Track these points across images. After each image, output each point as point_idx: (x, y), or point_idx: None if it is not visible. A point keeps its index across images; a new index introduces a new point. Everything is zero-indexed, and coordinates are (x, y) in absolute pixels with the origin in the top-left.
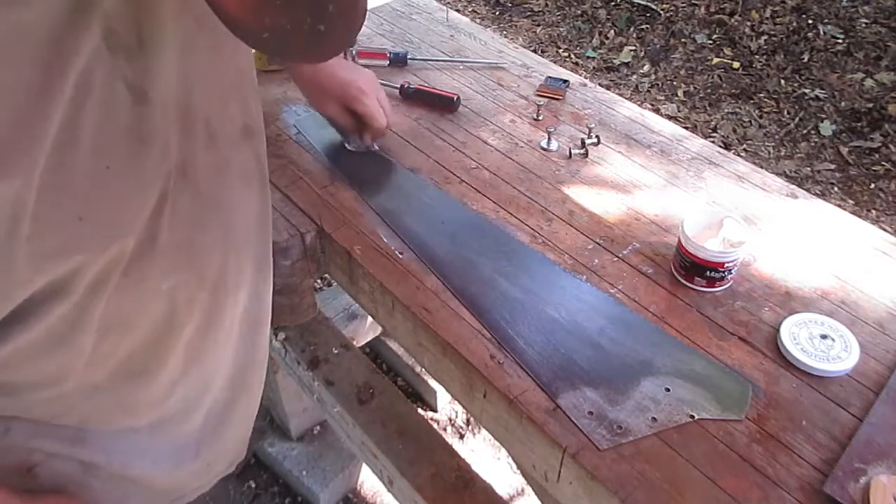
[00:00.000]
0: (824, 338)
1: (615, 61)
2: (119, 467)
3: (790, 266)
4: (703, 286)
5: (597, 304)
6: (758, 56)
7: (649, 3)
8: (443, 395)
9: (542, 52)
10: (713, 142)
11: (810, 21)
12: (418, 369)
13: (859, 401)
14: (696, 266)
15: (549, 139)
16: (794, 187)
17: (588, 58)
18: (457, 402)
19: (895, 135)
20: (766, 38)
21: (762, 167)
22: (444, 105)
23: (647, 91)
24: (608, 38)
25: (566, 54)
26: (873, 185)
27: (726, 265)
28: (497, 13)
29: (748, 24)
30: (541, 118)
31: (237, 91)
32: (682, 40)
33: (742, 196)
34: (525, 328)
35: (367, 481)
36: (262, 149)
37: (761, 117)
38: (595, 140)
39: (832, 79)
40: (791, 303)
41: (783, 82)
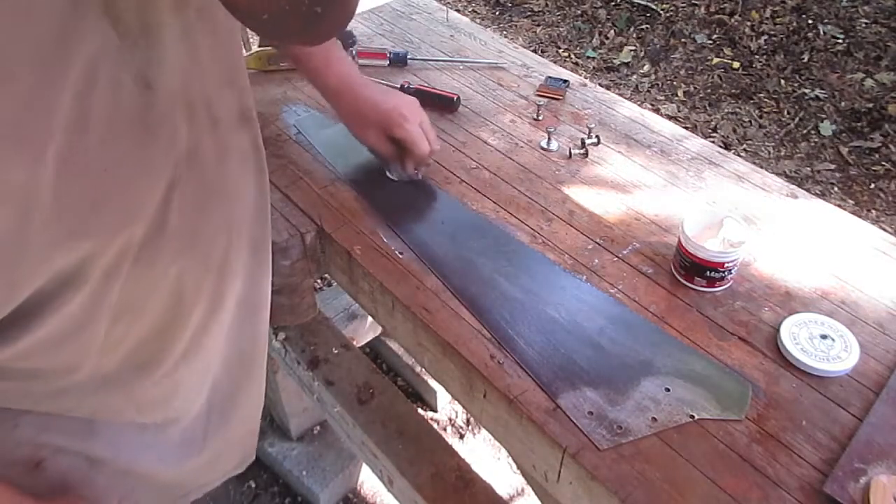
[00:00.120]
0: (824, 338)
1: (615, 61)
2: (125, 462)
3: (790, 266)
4: (703, 286)
5: (597, 304)
6: (758, 56)
7: (649, 3)
8: (443, 395)
9: (542, 52)
10: (713, 142)
11: (810, 21)
12: (418, 369)
13: (859, 401)
14: (696, 266)
15: (549, 139)
16: (794, 187)
17: (588, 58)
18: (457, 402)
19: (895, 135)
20: (766, 38)
21: (762, 167)
22: (444, 105)
23: (647, 91)
24: (608, 38)
25: (566, 54)
26: (873, 185)
27: (726, 265)
28: (497, 13)
29: (748, 24)
30: (541, 118)
31: (234, 78)
32: (682, 40)
33: (742, 196)
34: (525, 328)
35: (367, 481)
36: (258, 134)
37: (761, 117)
38: (595, 140)
39: (832, 79)
40: (791, 303)
41: (783, 82)
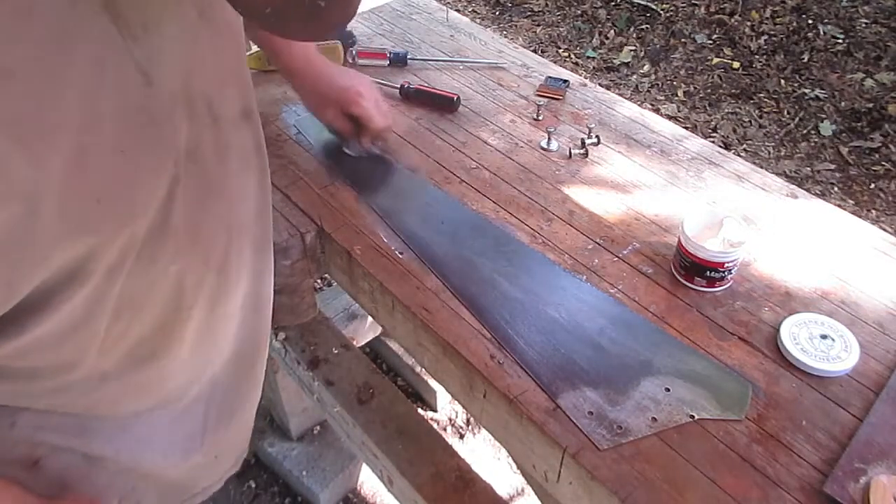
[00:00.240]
0: (824, 338)
1: (615, 61)
2: (128, 460)
3: (790, 266)
4: (703, 286)
5: (597, 304)
6: (758, 56)
7: (649, 3)
8: (443, 395)
9: (542, 52)
10: (713, 142)
11: (810, 21)
12: (418, 369)
13: (859, 401)
14: (696, 266)
15: (549, 139)
16: (794, 187)
17: (588, 58)
18: (457, 402)
19: (895, 135)
20: (766, 38)
21: (762, 167)
22: (444, 105)
23: (647, 91)
24: (608, 38)
25: (566, 54)
26: (873, 185)
27: (726, 265)
28: (497, 13)
29: (748, 24)
30: (541, 118)
31: (236, 76)
32: (682, 40)
33: (742, 196)
34: (525, 328)
35: (367, 481)
36: (260, 134)
37: (761, 117)
38: (595, 140)
39: (832, 79)
40: (791, 303)
41: (783, 82)
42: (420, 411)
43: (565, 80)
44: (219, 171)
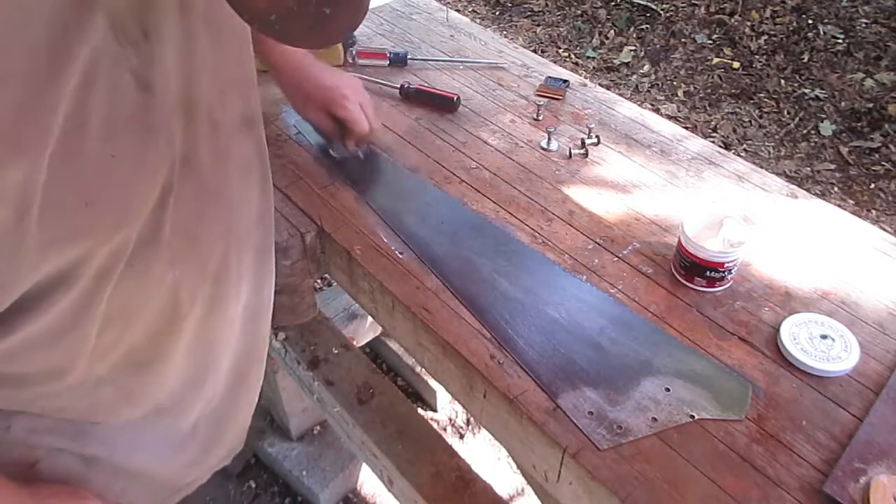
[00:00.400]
0: (824, 338)
1: (615, 61)
2: (121, 460)
3: (790, 266)
4: (703, 286)
5: (597, 304)
6: (758, 56)
7: (649, 3)
8: (443, 395)
9: (542, 52)
10: (713, 142)
11: (810, 21)
12: (418, 369)
13: (859, 401)
14: (696, 266)
15: (549, 139)
16: (794, 187)
17: (588, 58)
18: (457, 402)
19: (895, 135)
20: (766, 38)
21: (762, 167)
22: (444, 105)
23: (647, 91)
24: (608, 38)
25: (566, 54)
26: (873, 185)
27: (726, 265)
28: (497, 13)
29: (748, 24)
30: (541, 118)
31: (238, 83)
32: (682, 40)
33: (742, 196)
34: (525, 328)
35: (367, 481)
36: (262, 140)
37: (761, 117)
38: (595, 140)
39: (832, 79)
40: (791, 303)
41: (783, 82)
42: (420, 411)
43: (565, 80)
44: (217, 178)
